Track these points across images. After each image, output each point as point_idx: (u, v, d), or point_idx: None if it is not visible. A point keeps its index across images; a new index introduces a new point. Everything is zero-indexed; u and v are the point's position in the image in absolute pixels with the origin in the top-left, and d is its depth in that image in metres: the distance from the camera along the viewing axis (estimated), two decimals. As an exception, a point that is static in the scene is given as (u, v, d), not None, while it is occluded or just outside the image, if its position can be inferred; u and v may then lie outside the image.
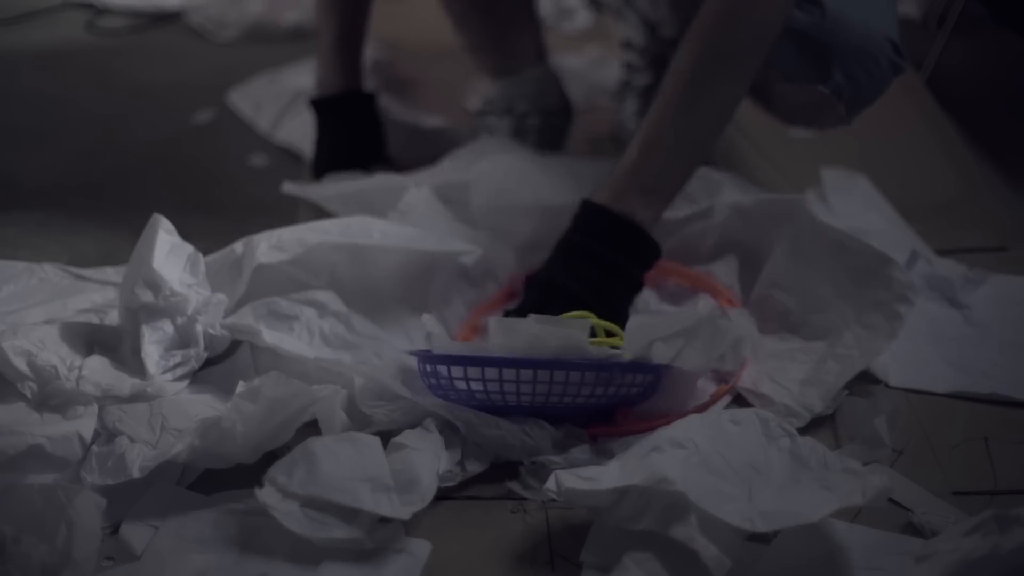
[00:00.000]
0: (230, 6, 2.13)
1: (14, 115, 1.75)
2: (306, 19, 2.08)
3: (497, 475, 1.01)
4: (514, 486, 1.00)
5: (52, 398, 1.02)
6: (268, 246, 1.15)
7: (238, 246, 1.17)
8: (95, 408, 1.02)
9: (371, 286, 1.21)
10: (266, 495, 0.90)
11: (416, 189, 1.29)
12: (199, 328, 1.10)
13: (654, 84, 1.62)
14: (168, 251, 1.10)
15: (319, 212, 1.44)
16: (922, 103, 1.75)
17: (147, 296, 1.07)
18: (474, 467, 1.01)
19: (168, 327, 1.09)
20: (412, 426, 1.02)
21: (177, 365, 1.09)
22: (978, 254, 1.38)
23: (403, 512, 0.91)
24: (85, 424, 1.00)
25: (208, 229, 1.44)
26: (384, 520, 0.92)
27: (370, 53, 1.72)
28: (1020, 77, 1.89)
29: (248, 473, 0.98)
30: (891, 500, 0.96)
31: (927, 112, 1.74)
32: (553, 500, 0.97)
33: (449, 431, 1.02)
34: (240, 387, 1.01)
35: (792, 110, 1.35)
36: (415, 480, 0.93)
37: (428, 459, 0.96)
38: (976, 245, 1.40)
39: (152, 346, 1.08)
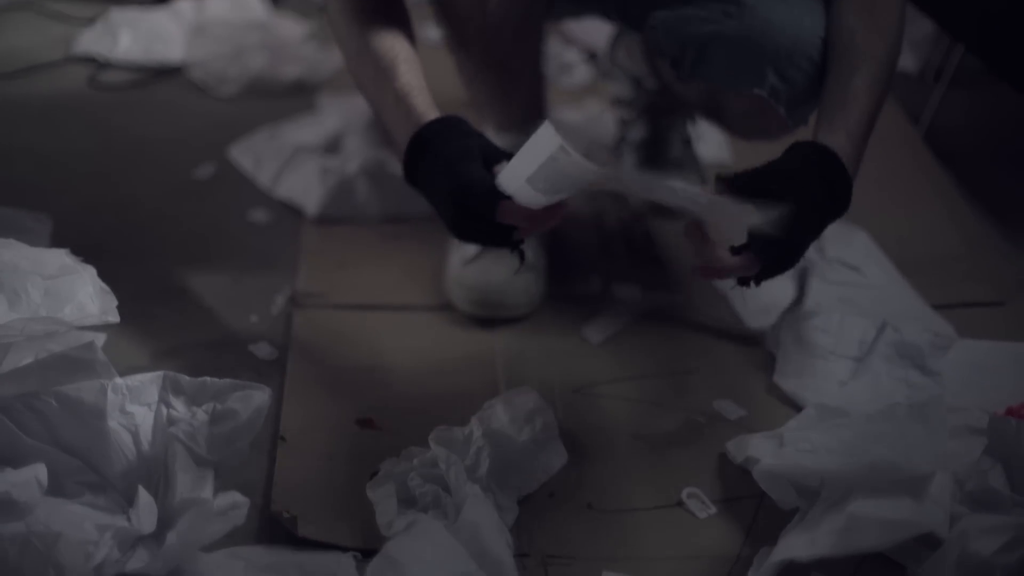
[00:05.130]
0: (231, 61, 2.14)
1: (15, 169, 1.75)
2: (306, 74, 2.10)
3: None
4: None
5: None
6: None
7: None
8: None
9: None
10: None
11: None
12: None
13: (649, 138, 1.64)
14: None
15: (320, 266, 1.44)
16: (920, 157, 1.76)
17: None
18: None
19: None
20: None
21: None
22: (976, 308, 1.38)
23: None
24: (40, 468, 0.96)
25: (208, 284, 1.44)
26: None
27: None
28: (1018, 131, 1.90)
29: (247, 532, 0.98)
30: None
31: (925, 166, 1.74)
32: (552, 556, 0.97)
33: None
34: None
35: (738, 120, 1.35)
36: (498, 560, 0.94)
37: (495, 532, 0.97)
38: (974, 299, 1.40)
39: None
